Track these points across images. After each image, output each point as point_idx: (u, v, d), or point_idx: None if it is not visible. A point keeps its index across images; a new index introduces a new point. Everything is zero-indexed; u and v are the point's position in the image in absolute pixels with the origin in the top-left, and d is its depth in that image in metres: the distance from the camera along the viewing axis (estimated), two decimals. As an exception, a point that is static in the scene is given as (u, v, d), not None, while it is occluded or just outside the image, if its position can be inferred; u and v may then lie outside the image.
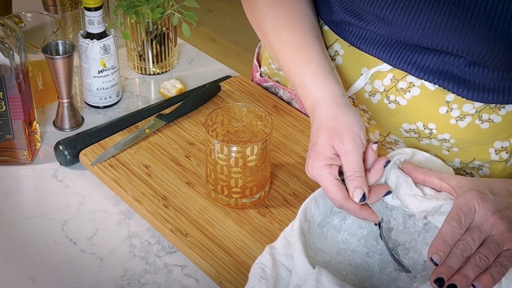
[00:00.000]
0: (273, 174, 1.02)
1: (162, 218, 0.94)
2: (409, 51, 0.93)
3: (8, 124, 1.02)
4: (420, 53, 0.92)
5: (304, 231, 0.82)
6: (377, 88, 0.98)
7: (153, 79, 1.28)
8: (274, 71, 1.18)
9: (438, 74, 0.92)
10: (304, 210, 0.84)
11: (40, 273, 0.89)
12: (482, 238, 0.77)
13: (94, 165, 1.03)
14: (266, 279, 0.78)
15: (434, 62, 0.92)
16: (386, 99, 0.98)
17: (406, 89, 0.95)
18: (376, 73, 0.97)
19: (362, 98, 1.00)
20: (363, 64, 0.98)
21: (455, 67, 0.91)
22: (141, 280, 0.89)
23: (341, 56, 1.00)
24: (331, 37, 1.01)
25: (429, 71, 0.93)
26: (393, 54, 0.94)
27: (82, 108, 1.19)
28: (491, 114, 0.94)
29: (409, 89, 0.95)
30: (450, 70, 0.92)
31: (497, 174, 1.00)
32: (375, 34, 0.95)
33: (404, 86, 0.96)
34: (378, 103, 0.99)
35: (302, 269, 0.77)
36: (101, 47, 1.13)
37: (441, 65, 0.92)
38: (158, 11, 1.21)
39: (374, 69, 0.97)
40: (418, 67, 0.93)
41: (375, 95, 0.99)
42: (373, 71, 0.97)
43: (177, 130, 1.11)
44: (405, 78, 0.95)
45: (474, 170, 1.00)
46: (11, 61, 0.97)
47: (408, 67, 0.94)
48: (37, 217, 0.98)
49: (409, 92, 0.95)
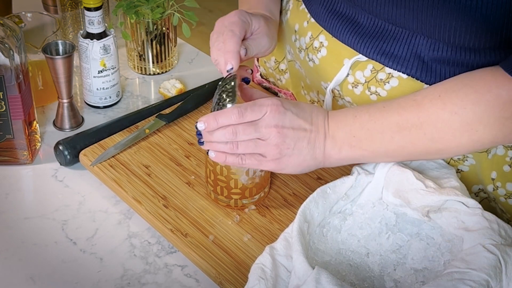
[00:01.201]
0: (273, 174, 1.02)
1: (162, 218, 0.94)
2: (378, 39, 0.93)
3: (8, 124, 1.02)
4: (389, 43, 0.92)
5: (304, 231, 0.83)
6: (359, 79, 0.98)
7: (153, 79, 1.28)
8: (269, 71, 1.19)
9: (405, 62, 0.92)
10: (304, 211, 0.84)
11: (40, 273, 0.89)
12: (251, 136, 0.84)
13: (94, 165, 1.03)
14: (265, 279, 0.78)
15: (402, 50, 0.91)
16: (368, 90, 0.97)
17: (385, 80, 0.95)
18: (357, 64, 0.97)
19: (346, 89, 1.00)
20: (346, 55, 0.98)
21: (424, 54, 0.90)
22: (141, 280, 0.89)
23: (325, 47, 1.01)
24: (317, 29, 1.02)
25: (397, 59, 0.92)
26: (363, 42, 0.95)
27: (82, 108, 1.19)
28: None
29: (388, 80, 0.95)
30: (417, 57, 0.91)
31: (483, 161, 0.98)
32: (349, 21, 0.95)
33: (383, 77, 0.95)
34: (360, 94, 0.99)
35: (301, 270, 0.77)
36: (101, 47, 1.13)
37: (407, 53, 0.91)
38: (158, 11, 1.21)
39: (353, 59, 0.97)
40: (386, 55, 0.93)
41: (357, 86, 0.98)
42: (352, 60, 0.97)
43: (177, 130, 1.11)
44: (383, 69, 0.95)
45: (460, 163, 0.99)
46: (11, 61, 0.97)
47: (377, 56, 0.94)
48: (37, 217, 0.98)
49: (388, 83, 0.95)
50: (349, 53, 0.97)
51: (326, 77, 1.01)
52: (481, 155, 0.95)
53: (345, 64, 0.98)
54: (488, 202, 0.99)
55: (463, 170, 0.98)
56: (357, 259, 0.85)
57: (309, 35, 1.03)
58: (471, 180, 0.98)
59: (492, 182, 0.95)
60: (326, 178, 1.02)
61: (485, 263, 0.76)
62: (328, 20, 0.99)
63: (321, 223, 0.87)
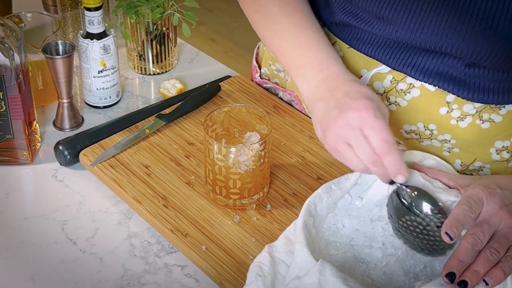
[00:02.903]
0: (273, 174, 1.02)
1: (162, 218, 0.94)
2: (408, 52, 0.93)
3: (8, 124, 1.02)
4: (420, 55, 0.92)
5: (309, 225, 0.83)
6: (377, 90, 0.98)
7: (153, 79, 1.28)
8: (274, 72, 1.18)
9: (438, 76, 0.92)
10: (308, 206, 0.84)
11: (40, 273, 0.89)
12: (492, 232, 0.78)
13: (94, 165, 1.03)
14: (263, 276, 0.78)
15: (434, 64, 0.92)
16: (386, 100, 0.98)
17: (406, 90, 0.95)
18: (376, 75, 0.97)
19: None
20: (362, 66, 0.98)
21: (454, 68, 0.91)
22: (141, 280, 0.89)
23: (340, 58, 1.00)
24: (330, 39, 1.01)
25: (428, 73, 0.93)
26: (392, 55, 0.94)
27: (82, 108, 1.19)
28: (491, 114, 0.94)
29: (409, 90, 0.95)
30: (449, 72, 0.92)
31: (502, 170, 0.99)
32: (374, 35, 0.95)
33: (404, 87, 0.95)
34: None
35: (304, 261, 0.77)
36: (101, 47, 1.13)
37: (440, 67, 0.92)
38: (158, 11, 1.21)
39: (374, 71, 0.97)
40: (417, 69, 0.93)
41: None
42: (373, 72, 0.97)
43: (177, 130, 1.11)
44: (404, 80, 0.95)
45: (475, 172, 1.00)
46: (11, 61, 0.97)
47: (408, 69, 0.94)
48: (37, 217, 0.98)
49: (409, 93, 0.95)
50: (366, 63, 0.97)
51: None
52: (500, 164, 0.96)
53: (363, 75, 0.98)
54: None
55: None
56: (363, 255, 0.85)
57: None
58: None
59: None
60: (326, 178, 1.02)
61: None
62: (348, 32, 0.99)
63: (326, 218, 0.87)
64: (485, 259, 0.76)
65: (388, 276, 0.83)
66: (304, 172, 1.03)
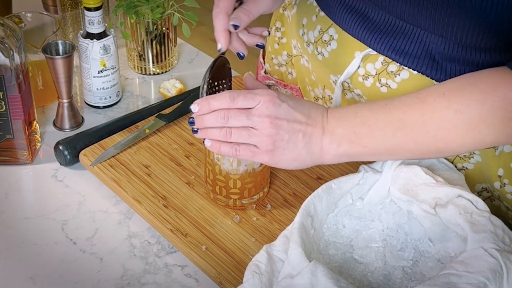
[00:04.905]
0: (273, 174, 1.02)
1: (162, 218, 0.94)
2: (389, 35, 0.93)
3: (8, 124, 1.02)
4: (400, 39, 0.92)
5: (306, 226, 0.83)
6: (370, 71, 0.97)
7: (153, 79, 1.28)
8: (275, 68, 1.19)
9: (417, 59, 0.92)
10: (307, 206, 0.84)
11: (40, 273, 0.89)
12: (243, 124, 0.83)
13: (94, 165, 1.03)
14: (260, 273, 0.78)
15: (412, 47, 0.91)
16: (378, 82, 0.97)
17: (396, 72, 0.95)
18: (368, 56, 0.97)
19: (356, 82, 1.00)
20: (356, 48, 0.98)
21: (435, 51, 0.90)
22: (141, 280, 0.89)
23: (335, 40, 1.00)
24: (327, 22, 1.01)
25: (408, 56, 0.92)
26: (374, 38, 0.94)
27: (82, 108, 1.19)
28: None
29: (399, 72, 0.94)
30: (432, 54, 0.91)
31: (490, 158, 0.98)
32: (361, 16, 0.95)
33: (394, 69, 0.95)
34: (371, 86, 0.99)
35: (296, 260, 0.77)
36: (101, 47, 1.13)
37: (418, 51, 0.91)
38: (158, 11, 1.21)
39: (365, 52, 0.96)
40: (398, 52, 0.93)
41: (368, 79, 0.98)
42: (364, 53, 0.97)
43: (177, 130, 1.11)
44: (394, 62, 0.95)
45: (466, 161, 0.99)
46: (11, 61, 0.97)
47: (388, 52, 0.94)
48: (37, 217, 0.98)
49: (398, 75, 0.95)
50: (360, 46, 0.97)
51: (336, 70, 1.01)
52: (488, 152, 0.95)
53: (356, 56, 0.98)
54: (491, 201, 0.99)
55: (468, 168, 0.98)
56: (363, 256, 0.85)
57: (318, 29, 1.02)
58: (475, 179, 0.98)
59: (499, 179, 0.95)
60: (326, 178, 1.02)
61: (485, 267, 0.75)
62: (339, 15, 0.98)
63: (326, 218, 0.87)
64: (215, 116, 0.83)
65: (387, 277, 0.83)
66: (304, 172, 1.03)
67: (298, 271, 0.76)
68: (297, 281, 0.75)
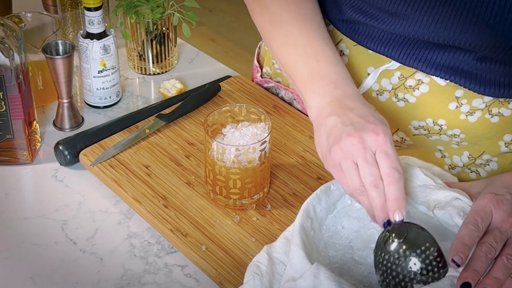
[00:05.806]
0: (273, 174, 1.02)
1: (162, 218, 0.94)
2: (419, 48, 0.93)
3: (8, 124, 1.02)
4: (431, 50, 0.92)
5: (306, 228, 0.83)
6: (385, 87, 0.98)
7: (153, 79, 1.28)
8: (277, 71, 1.18)
9: (449, 70, 0.92)
10: (307, 208, 0.84)
11: (40, 273, 0.89)
12: (504, 239, 0.76)
13: (94, 165, 1.03)
14: (260, 275, 0.78)
15: (445, 59, 0.91)
16: (395, 97, 0.98)
17: (414, 86, 0.95)
18: (384, 72, 0.97)
19: (369, 97, 1.00)
20: (369, 64, 0.98)
21: (465, 63, 0.91)
22: (141, 280, 0.89)
23: (346, 56, 1.00)
24: (337, 37, 1.01)
25: (440, 67, 0.92)
26: (402, 51, 0.94)
27: (82, 108, 1.20)
28: (500, 108, 0.95)
29: (418, 86, 0.95)
30: (460, 66, 0.91)
31: (506, 166, 0.99)
32: (384, 31, 0.94)
33: (412, 83, 0.96)
34: (386, 101, 0.99)
35: (298, 263, 0.77)
36: (101, 47, 1.13)
37: (451, 61, 0.91)
38: (158, 11, 1.21)
39: (382, 68, 0.96)
40: (428, 63, 0.93)
41: (382, 94, 0.99)
42: (381, 69, 0.97)
43: (177, 130, 1.11)
44: (413, 76, 0.95)
45: (481, 167, 1.00)
46: (11, 61, 0.97)
47: (419, 64, 0.93)
48: (37, 217, 0.98)
49: (417, 89, 0.96)
50: (374, 61, 0.97)
51: None
52: (509, 156, 0.96)
53: (369, 72, 0.98)
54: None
55: (481, 175, 0.99)
56: (363, 257, 0.85)
57: None
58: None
59: None
60: (326, 178, 1.02)
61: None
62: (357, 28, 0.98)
63: (326, 219, 0.87)
64: (502, 265, 0.74)
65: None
66: (304, 172, 1.03)
67: (300, 274, 0.76)
68: (300, 283, 0.75)
